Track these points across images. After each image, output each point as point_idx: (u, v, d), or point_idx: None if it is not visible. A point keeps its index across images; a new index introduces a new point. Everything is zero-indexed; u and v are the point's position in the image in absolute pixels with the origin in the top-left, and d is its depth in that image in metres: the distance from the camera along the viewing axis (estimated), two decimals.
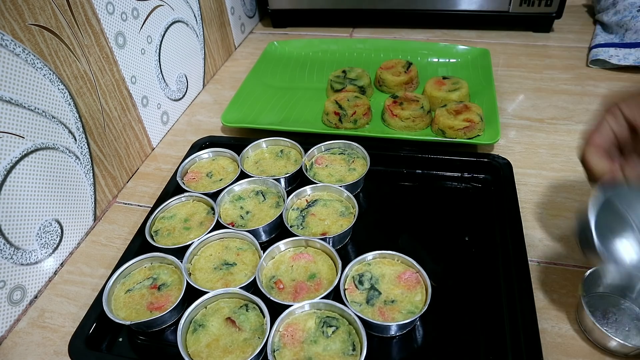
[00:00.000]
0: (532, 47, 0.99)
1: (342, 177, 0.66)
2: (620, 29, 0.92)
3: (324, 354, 0.46)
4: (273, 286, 0.53)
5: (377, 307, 0.49)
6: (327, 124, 0.78)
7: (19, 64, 0.53)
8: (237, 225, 0.60)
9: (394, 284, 0.51)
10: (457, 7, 1.00)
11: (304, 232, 0.58)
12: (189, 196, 0.64)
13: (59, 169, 0.60)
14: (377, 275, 0.52)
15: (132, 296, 0.53)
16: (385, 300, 0.50)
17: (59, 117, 0.59)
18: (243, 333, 0.48)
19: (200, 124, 0.86)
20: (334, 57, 0.97)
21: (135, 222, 0.67)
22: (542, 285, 0.54)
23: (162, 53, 0.81)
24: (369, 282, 0.51)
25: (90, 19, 0.63)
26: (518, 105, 0.82)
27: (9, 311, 0.55)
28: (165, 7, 0.80)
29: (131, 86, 0.73)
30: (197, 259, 0.57)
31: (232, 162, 0.71)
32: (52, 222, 0.60)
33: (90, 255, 0.63)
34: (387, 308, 0.49)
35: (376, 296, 0.50)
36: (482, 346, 0.48)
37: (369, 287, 0.51)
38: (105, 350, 0.51)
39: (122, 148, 0.72)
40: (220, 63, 1.02)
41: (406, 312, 0.48)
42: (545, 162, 0.70)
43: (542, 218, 0.62)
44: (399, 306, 0.49)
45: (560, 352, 0.48)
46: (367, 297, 0.50)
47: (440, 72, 0.90)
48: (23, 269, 0.56)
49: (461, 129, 0.70)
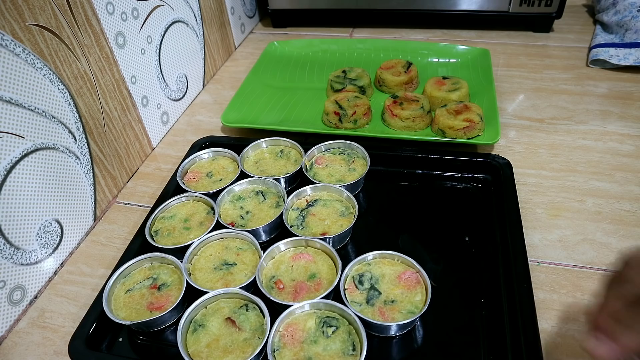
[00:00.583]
0: (532, 47, 0.99)
1: (342, 177, 0.66)
2: (620, 29, 0.92)
3: (324, 354, 0.46)
4: (273, 286, 0.53)
5: (377, 307, 0.49)
6: (327, 124, 0.78)
7: (19, 64, 0.53)
8: (237, 225, 0.60)
9: (394, 284, 0.51)
10: (457, 7, 1.00)
11: (304, 232, 0.58)
12: (189, 196, 0.64)
13: (59, 169, 0.60)
14: (377, 275, 0.52)
15: (132, 296, 0.53)
16: (385, 300, 0.50)
17: (59, 117, 0.59)
18: (243, 333, 0.48)
19: (200, 124, 0.86)
20: (334, 57, 0.97)
21: (135, 222, 0.67)
22: (542, 285, 0.54)
23: (162, 53, 0.81)
24: (369, 282, 0.51)
25: (90, 19, 0.63)
26: (518, 105, 0.82)
27: (9, 311, 0.55)
28: (165, 7, 0.80)
29: (131, 86, 0.73)
30: (197, 259, 0.57)
31: (232, 162, 0.71)
32: (52, 222, 0.60)
33: (90, 255, 0.63)
34: (387, 308, 0.49)
35: (376, 296, 0.50)
36: (482, 346, 0.48)
37: (369, 287, 0.51)
38: (105, 350, 0.51)
39: (122, 148, 0.72)
40: (220, 63, 1.02)
41: (406, 312, 0.48)
42: (545, 162, 0.70)
43: (542, 218, 0.62)
44: (399, 306, 0.49)
45: (560, 352, 0.48)
46: (367, 297, 0.50)
47: (440, 72, 0.90)
48: (23, 269, 0.56)
49: (461, 129, 0.70)
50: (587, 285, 0.54)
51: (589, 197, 0.64)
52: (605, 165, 0.68)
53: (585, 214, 0.62)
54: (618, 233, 0.59)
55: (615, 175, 0.67)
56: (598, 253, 0.57)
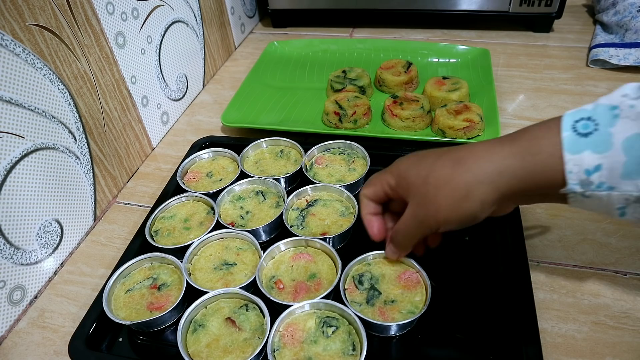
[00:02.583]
0: (532, 47, 0.99)
1: (342, 177, 0.66)
2: (620, 29, 0.92)
3: (324, 354, 0.46)
4: (273, 286, 0.53)
5: (377, 307, 0.49)
6: (327, 124, 0.78)
7: (19, 64, 0.53)
8: (237, 225, 0.60)
9: (394, 284, 0.51)
10: (457, 7, 1.00)
11: (304, 232, 0.58)
12: (189, 196, 0.64)
13: (59, 169, 0.60)
14: (377, 275, 0.52)
15: (132, 296, 0.53)
16: (385, 300, 0.50)
17: (59, 117, 0.59)
18: (243, 333, 0.48)
19: (200, 124, 0.86)
20: (334, 57, 0.97)
21: (135, 222, 0.67)
22: (542, 285, 0.54)
23: (162, 53, 0.81)
24: (369, 282, 0.51)
25: (90, 19, 0.63)
26: (518, 105, 0.82)
27: (9, 311, 0.55)
28: (165, 7, 0.80)
29: (131, 86, 0.73)
30: (197, 259, 0.57)
31: (232, 162, 0.71)
32: (52, 222, 0.60)
33: (90, 255, 0.63)
34: (387, 308, 0.49)
35: (376, 296, 0.50)
36: (482, 346, 0.48)
37: (369, 287, 0.51)
38: (105, 350, 0.51)
39: (122, 148, 0.72)
40: (220, 63, 1.02)
41: (406, 312, 0.48)
42: None
43: (542, 218, 0.62)
44: (399, 306, 0.49)
45: (560, 352, 0.48)
46: (367, 297, 0.50)
47: (440, 72, 0.90)
48: (23, 269, 0.56)
49: (461, 129, 0.70)
50: (587, 285, 0.54)
51: None
52: None
53: (585, 214, 0.62)
54: (618, 233, 0.59)
55: None
56: (598, 253, 0.57)
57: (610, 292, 0.53)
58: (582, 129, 0.36)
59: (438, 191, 0.41)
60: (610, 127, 0.35)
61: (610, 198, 0.37)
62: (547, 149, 0.37)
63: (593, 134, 0.36)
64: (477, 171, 0.40)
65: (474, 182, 0.40)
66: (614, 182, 0.36)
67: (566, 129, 0.37)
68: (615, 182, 0.36)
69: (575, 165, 0.36)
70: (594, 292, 0.53)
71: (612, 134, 0.35)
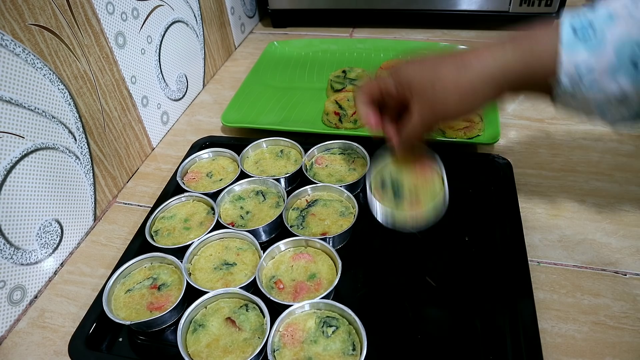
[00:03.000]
0: None
1: (342, 177, 0.66)
2: None
3: (324, 354, 0.46)
4: (273, 286, 0.53)
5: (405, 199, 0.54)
6: (327, 124, 0.78)
7: (19, 64, 0.53)
8: (237, 225, 0.60)
9: (412, 178, 0.56)
10: (457, 7, 1.00)
11: (304, 232, 0.58)
12: (189, 196, 0.64)
13: (59, 169, 0.60)
14: (395, 176, 0.57)
15: (132, 296, 0.53)
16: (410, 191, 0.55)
17: (59, 117, 0.59)
18: (243, 333, 0.48)
19: (200, 124, 0.86)
20: (334, 57, 0.97)
21: (135, 222, 0.67)
22: (542, 285, 0.54)
23: (162, 53, 0.81)
24: (390, 183, 0.56)
25: (90, 19, 0.63)
26: (518, 105, 0.82)
27: (9, 311, 0.55)
28: (165, 7, 0.80)
29: (131, 86, 0.73)
30: (197, 259, 0.57)
31: (232, 162, 0.71)
32: (52, 222, 0.60)
33: (90, 255, 0.63)
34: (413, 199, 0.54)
35: (400, 191, 0.55)
36: (482, 346, 0.48)
37: (391, 187, 0.56)
38: (105, 350, 0.51)
39: (122, 148, 0.72)
40: (220, 63, 1.02)
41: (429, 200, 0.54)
42: (545, 162, 0.70)
43: (542, 218, 0.62)
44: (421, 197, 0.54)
45: (560, 352, 0.48)
46: (393, 195, 0.55)
47: None
48: (23, 269, 0.56)
49: (461, 129, 0.70)
50: (587, 285, 0.54)
51: (589, 197, 0.64)
52: (605, 165, 0.68)
53: (585, 214, 0.62)
54: (618, 233, 0.59)
55: (615, 175, 0.67)
56: (598, 253, 0.57)
57: (610, 292, 0.53)
58: (580, 31, 0.40)
59: (446, 93, 0.46)
60: (606, 29, 0.39)
61: (594, 96, 0.40)
62: (545, 46, 0.41)
63: (589, 36, 0.39)
64: (482, 72, 0.45)
65: (479, 81, 0.45)
66: (601, 78, 0.39)
67: (565, 29, 0.41)
68: (602, 79, 0.39)
69: (568, 57, 0.40)
70: (594, 292, 0.53)
71: (605, 34, 0.39)
